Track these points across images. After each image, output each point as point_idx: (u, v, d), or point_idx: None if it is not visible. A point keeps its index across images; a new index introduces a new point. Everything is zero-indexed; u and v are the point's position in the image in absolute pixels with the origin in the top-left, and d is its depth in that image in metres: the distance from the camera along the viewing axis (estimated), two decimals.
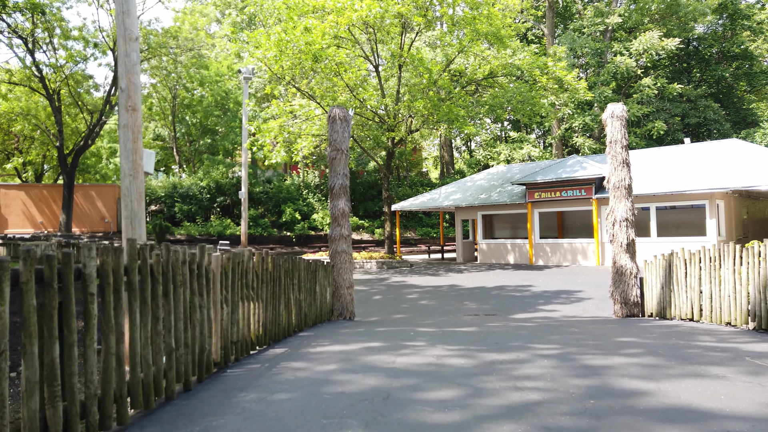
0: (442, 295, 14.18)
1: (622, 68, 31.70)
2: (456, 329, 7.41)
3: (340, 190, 10.19)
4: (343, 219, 10.17)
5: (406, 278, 18.39)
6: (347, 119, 10.36)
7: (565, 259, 21.55)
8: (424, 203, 26.40)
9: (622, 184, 9.85)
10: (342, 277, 10.03)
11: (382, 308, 12.34)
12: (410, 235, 38.39)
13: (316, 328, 8.06)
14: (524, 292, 14.23)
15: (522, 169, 26.82)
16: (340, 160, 10.24)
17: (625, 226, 9.73)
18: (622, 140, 9.90)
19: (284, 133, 20.68)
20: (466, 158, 46.37)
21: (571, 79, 21.92)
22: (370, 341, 6.27)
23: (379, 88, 22.55)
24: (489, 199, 23.62)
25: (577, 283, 15.48)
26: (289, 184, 38.59)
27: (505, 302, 12.59)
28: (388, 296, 14.20)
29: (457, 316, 10.86)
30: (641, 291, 9.64)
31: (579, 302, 12.32)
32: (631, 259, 9.67)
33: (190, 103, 37.07)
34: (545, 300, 12.74)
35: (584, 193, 20.55)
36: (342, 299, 9.98)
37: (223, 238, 30.73)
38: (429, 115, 19.64)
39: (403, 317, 10.85)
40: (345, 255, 10.11)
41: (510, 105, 21.35)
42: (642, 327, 7.32)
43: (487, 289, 15.03)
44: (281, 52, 17.69)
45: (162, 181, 36.09)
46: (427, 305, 12.55)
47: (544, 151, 36.68)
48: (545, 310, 11.31)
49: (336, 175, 10.24)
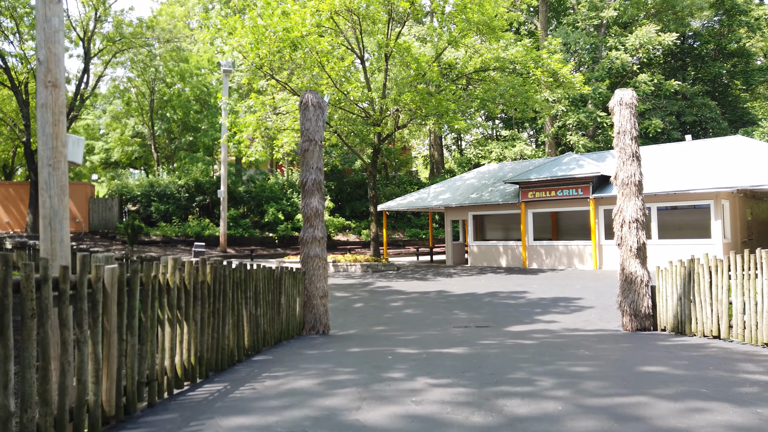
0: (430, 302, 13.05)
1: (617, 63, 30.79)
2: (443, 350, 6.26)
3: (314, 186, 9.02)
4: (317, 219, 9.00)
5: (391, 283, 17.25)
6: (321, 106, 9.19)
7: (561, 262, 20.51)
8: (412, 203, 25.27)
9: (631, 180, 8.77)
10: (315, 285, 8.86)
11: (363, 318, 11.18)
12: (398, 236, 37.26)
13: (279, 347, 6.88)
14: (519, 299, 13.14)
15: (514, 167, 25.79)
16: (313, 152, 9.07)
17: (635, 227, 8.65)
18: (631, 131, 8.82)
19: (262, 128, 19.44)
20: (456, 157, 45.33)
21: (566, 72, 20.89)
22: (337, 370, 5.11)
23: (365, 81, 21.39)
24: (480, 199, 22.55)
25: (575, 289, 14.41)
26: (272, 183, 37.31)
27: (498, 311, 11.48)
28: (370, 304, 13.04)
29: (445, 328, 9.73)
30: (653, 301, 8.56)
31: (580, 311, 11.24)
32: (641, 265, 8.59)
33: (170, 98, 35.66)
34: (542, 309, 11.64)
35: (581, 192, 19.53)
36: (315, 311, 8.81)
37: (200, 240, 29.40)
38: (417, 109, 18.52)
39: (385, 330, 9.69)
40: (318, 260, 8.94)
41: (502, 99, 20.27)
42: (664, 348, 6.22)
43: (479, 295, 13.92)
44: (257, 40, 16.48)
45: (139, 180, 34.66)
46: (412, 315, 11.41)
47: (537, 149, 35.71)
48: (543, 321, 10.21)
49: (309, 169, 9.06)
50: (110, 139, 41.51)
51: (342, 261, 22.24)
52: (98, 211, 29.98)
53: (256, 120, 19.12)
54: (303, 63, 18.49)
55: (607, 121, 30.98)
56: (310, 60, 17.60)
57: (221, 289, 5.22)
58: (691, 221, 19.68)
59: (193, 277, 4.66)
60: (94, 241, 27.58)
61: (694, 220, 19.61)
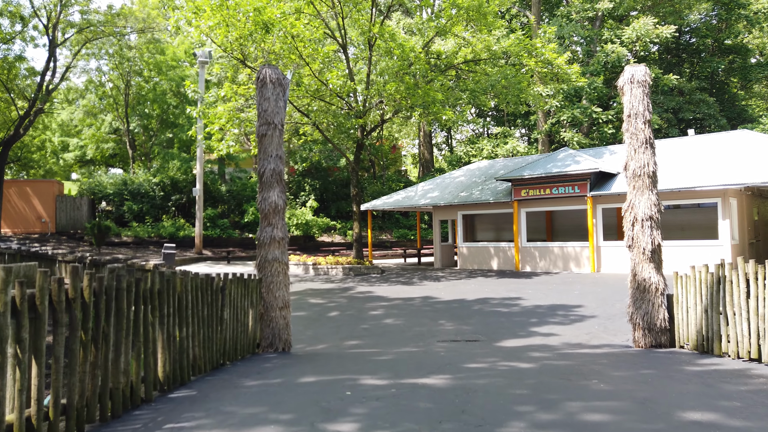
0: (413, 310, 11.78)
1: (613, 57, 29.72)
2: (419, 381, 4.99)
3: (273, 177, 7.72)
4: (276, 216, 7.70)
5: (373, 288, 15.97)
6: (282, 83, 7.88)
7: (556, 265, 19.33)
8: (399, 202, 24.01)
9: (644, 171, 7.55)
10: (273, 294, 7.57)
11: (336, 330, 9.89)
12: (386, 237, 35.97)
13: (216, 375, 5.56)
14: (512, 306, 11.90)
15: (506, 164, 24.60)
16: (272, 138, 7.77)
17: (649, 226, 7.44)
18: (644, 113, 7.61)
19: (235, 119, 18.08)
20: (446, 156, 44.13)
21: (562, 62, 19.73)
22: (269, 417, 3.83)
23: (347, 71, 20.10)
24: (470, 198, 21.32)
25: (573, 295, 13.20)
26: (255, 181, 35.90)
27: (489, 321, 10.23)
28: (346, 313, 11.75)
29: (427, 343, 8.46)
30: (670, 313, 7.34)
31: (581, 321, 10.02)
32: (656, 270, 7.38)
33: (147, 92, 34.16)
34: (539, 318, 10.41)
35: (578, 190, 18.35)
36: (273, 324, 7.51)
37: (174, 241, 27.96)
38: (402, 100, 17.25)
39: (357, 345, 8.41)
40: (278, 265, 7.64)
41: (494, 90, 19.06)
42: (697, 378, 4.98)
43: (468, 302, 12.67)
44: (226, 22, 15.14)
45: (112, 177, 33.15)
46: (392, 326, 10.13)
47: (529, 146, 34.59)
48: (540, 334, 8.97)
49: (266, 157, 7.76)
50: (84, 135, 39.88)
51: (322, 264, 20.94)
52: (66, 210, 28.44)
53: (228, 111, 17.77)
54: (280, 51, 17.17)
55: (602, 117, 29.91)
56: (286, 46, 16.27)
57: (113, 306, 3.90)
58: (695, 221, 18.57)
59: (50, 293, 3.34)
60: (59, 242, 26.06)
61: (697, 220, 18.51)
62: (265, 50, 16.49)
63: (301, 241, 32.07)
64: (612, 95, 32.62)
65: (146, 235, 27.83)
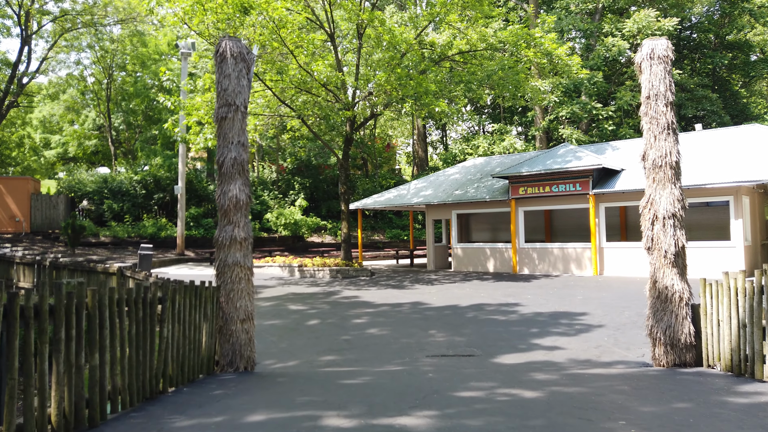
0: (401, 318, 10.74)
1: (614, 51, 28.78)
2: (396, 422, 3.95)
3: (234, 167, 6.68)
4: (238, 213, 6.65)
5: (360, 292, 14.92)
6: (246, 58, 6.83)
7: (555, 267, 18.33)
8: (390, 200, 22.96)
9: (666, 161, 6.55)
10: (234, 304, 6.52)
11: (313, 342, 8.85)
12: (378, 237, 34.95)
13: (142, 411, 4.50)
14: (510, 314, 10.88)
15: (503, 161, 23.61)
16: (233, 121, 6.72)
17: (672, 225, 6.43)
18: (666, 93, 6.61)
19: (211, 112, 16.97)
20: (441, 154, 43.10)
21: (562, 53, 18.73)
22: None
23: (335, 61, 19.04)
24: (465, 196, 20.31)
25: (576, 301, 12.19)
26: None
27: (485, 332, 9.21)
28: (327, 321, 10.70)
29: (414, 359, 7.44)
30: (695, 327, 6.34)
31: (587, 332, 9.01)
32: (680, 276, 6.39)
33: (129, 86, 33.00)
34: (540, 328, 9.39)
35: (579, 187, 17.36)
36: (233, 339, 6.46)
37: (155, 241, 26.83)
38: (392, 91, 16.20)
39: (333, 362, 7.37)
40: (240, 270, 6.60)
41: (490, 82, 18.05)
42: (751, 416, 3.96)
43: (462, 309, 11.64)
44: (200, 2, 14.05)
45: (93, 175, 31.97)
46: (377, 337, 9.10)
47: (527, 144, 33.61)
48: (543, 348, 7.96)
49: (227, 144, 6.71)
50: (66, 132, 38.65)
51: (309, 266, 19.88)
52: (42, 209, 27.25)
53: (206, 102, 16.67)
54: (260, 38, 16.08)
55: (602, 113, 28.96)
56: (267, 31, 15.19)
57: None
58: (704, 221, 17.63)
59: None
60: (33, 242, 24.88)
61: (707, 220, 17.57)
62: (246, 37, 15.42)
63: (290, 241, 31.00)
64: (612, 91, 31.69)
65: (126, 235, 26.68)
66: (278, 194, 34.12)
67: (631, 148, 19.66)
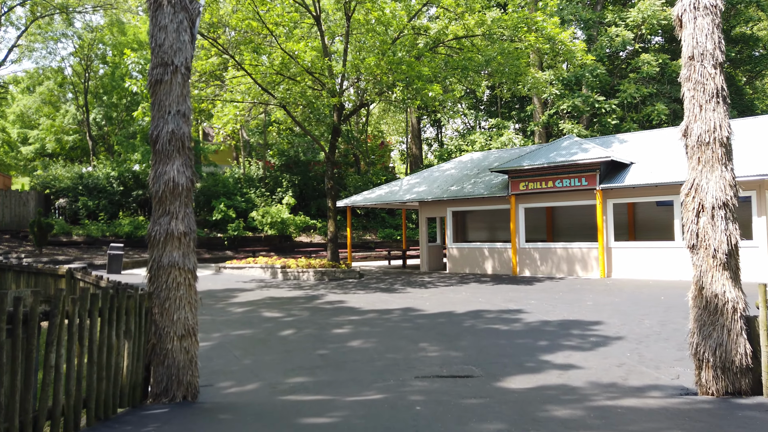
0: (390, 328, 9.43)
1: (617, 41, 27.55)
2: None
3: (172, 143, 5.35)
4: (176, 201, 5.31)
5: (346, 296, 13.59)
6: (187, 7, 5.50)
7: (559, 269, 17.06)
8: (381, 197, 21.64)
9: (714, 136, 5.26)
10: (170, 317, 5.20)
11: (283, 358, 7.54)
12: (370, 237, 33.63)
13: None
14: (513, 323, 9.58)
15: (501, 155, 22.32)
16: (171, 86, 5.39)
17: (723, 218, 5.16)
18: (714, 52, 5.31)
19: None
20: (436, 151, 41.80)
21: (565, 38, 17.48)
22: None
23: (321, 45, 17.72)
24: (461, 192, 19.01)
25: (587, 308, 10.91)
26: (227, 176, 33.39)
27: (485, 344, 7.92)
28: (304, 331, 9.37)
29: (400, 381, 6.15)
30: (752, 345, 5.05)
31: (605, 345, 7.72)
32: (733, 282, 5.11)
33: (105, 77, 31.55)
34: (549, 340, 8.10)
35: (585, 182, 16.10)
36: (169, 361, 5.13)
37: (132, 240, 25.42)
38: (382, 76, 14.89)
39: (300, 387, 6.06)
40: (179, 274, 5.27)
41: (488, 68, 16.77)
42: None
43: (458, 317, 10.34)
44: None
45: (69, 171, 30.51)
46: (359, 351, 7.78)
47: (526, 140, 32.37)
48: (556, 366, 6.66)
49: (163, 114, 5.38)
50: (43, 126, 37.10)
51: (292, 267, 18.53)
52: (10, 206, 25.79)
53: None
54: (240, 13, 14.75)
55: (605, 107, 27.72)
56: (244, 7, 13.86)
57: None
58: None
59: None
60: None
61: None
62: (220, 15, 14.07)
63: (276, 241, 29.63)
64: (615, 84, 30.47)
65: (101, 234, 25.24)
66: (265, 192, 32.74)
67: (640, 141, 18.42)
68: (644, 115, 28.54)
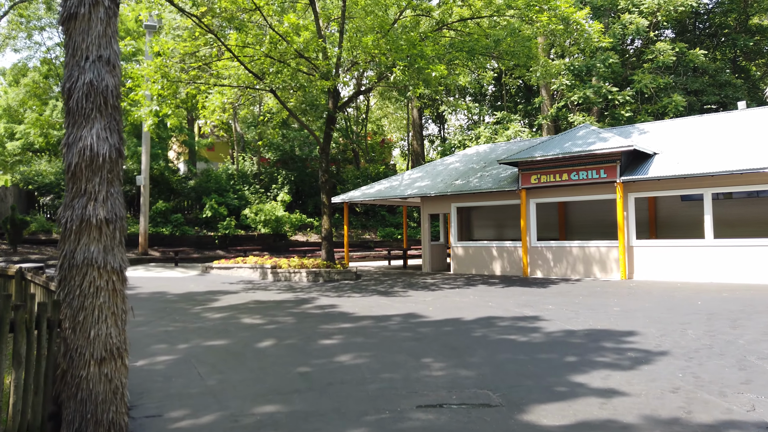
0: (387, 338, 8.10)
1: (631, 28, 26.17)
2: None
3: (90, 99, 4.02)
4: (96, 177, 4.00)
5: (340, 300, 12.27)
6: None
7: (575, 270, 15.72)
8: (381, 192, 20.30)
9: None
10: (85, 333, 3.90)
11: (256, 377, 6.25)
12: (370, 236, 32.29)
13: None
14: (531, 333, 8.25)
15: (510, 148, 20.98)
16: (91, 22, 4.07)
17: None
18: None
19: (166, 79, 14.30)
20: (439, 146, 40.41)
21: (581, 17, 16.14)
22: None
23: (316, 27, 16.39)
24: (467, 186, 17.67)
25: (615, 315, 9.58)
26: (220, 172, 32.09)
27: (501, 361, 6.61)
28: (286, 341, 8.05)
29: (398, 414, 4.85)
30: None
31: (648, 363, 6.41)
32: None
33: None
34: (578, 355, 6.78)
35: (604, 174, 14.75)
36: (85, 393, 3.81)
37: None
38: (380, 55, 13.54)
39: (268, 419, 4.78)
40: (98, 275, 3.95)
41: (498, 50, 15.43)
42: None
43: (466, 324, 9.01)
44: None
45: (53, 165, 29.23)
46: (349, 368, 6.46)
47: (533, 133, 30.99)
48: (594, 393, 5.34)
49: (78, 60, 4.06)
50: (28, 120, 35.80)
51: (284, 267, 17.21)
52: None
53: (155, 67, 14.00)
54: None
55: (619, 98, 26.34)
56: None
57: None
58: (749, 216, 15.04)
59: None
60: None
61: (752, 214, 14.98)
62: None
63: (270, 240, 28.30)
64: (627, 75, 29.09)
65: None
66: (260, 188, 31.42)
67: (662, 131, 17.08)
68: (660, 107, 27.15)
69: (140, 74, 14.47)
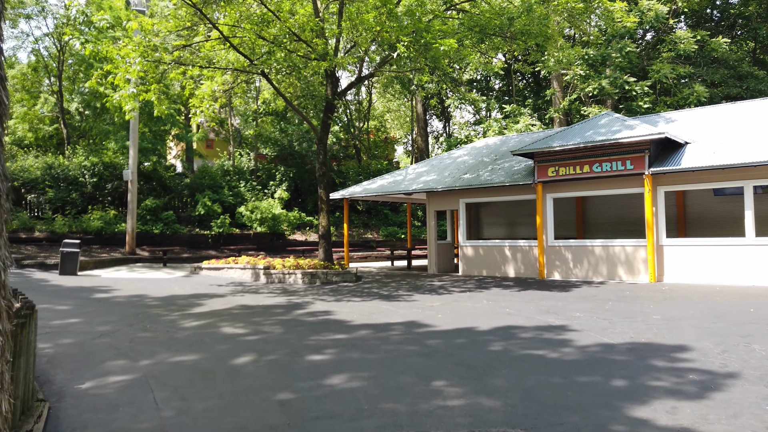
0: (389, 353, 6.80)
1: (649, 15, 24.81)
2: None
3: None
4: None
5: (336, 305, 10.97)
6: None
7: (597, 272, 14.38)
8: (384, 187, 19.01)
9: None
10: None
11: (224, 406, 4.97)
12: (372, 236, 30.99)
13: None
14: (560, 347, 6.94)
15: (522, 139, 19.65)
16: None
17: None
18: None
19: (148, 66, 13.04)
20: (444, 141, 39.06)
21: None
22: None
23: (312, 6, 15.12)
24: (477, 180, 16.36)
25: (657, 324, 8.26)
26: (216, 168, 30.86)
27: (532, 386, 5.30)
28: (268, 357, 6.76)
29: None
30: None
31: (720, 391, 5.10)
32: None
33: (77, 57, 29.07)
34: (627, 379, 5.47)
35: (631, 166, 13.42)
36: None
37: (103, 238, 22.91)
38: (383, 32, 12.25)
39: None
40: None
41: (511, 30, 14.12)
42: None
43: (482, 336, 7.71)
44: None
45: (40, 161, 28.04)
46: (340, 394, 5.17)
47: (545, 127, 29.63)
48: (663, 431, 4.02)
49: None
50: (17, 115, 34.66)
51: (278, 268, 15.94)
52: None
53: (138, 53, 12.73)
54: None
55: (636, 89, 24.96)
56: None
57: None
58: None
59: None
60: None
61: None
62: None
63: (267, 239, 27.02)
64: (643, 66, 27.71)
65: (67, 229, 22.70)
66: (257, 185, 30.15)
67: (691, 119, 15.74)
68: (680, 99, 25.77)
69: (118, 54, 13.21)
